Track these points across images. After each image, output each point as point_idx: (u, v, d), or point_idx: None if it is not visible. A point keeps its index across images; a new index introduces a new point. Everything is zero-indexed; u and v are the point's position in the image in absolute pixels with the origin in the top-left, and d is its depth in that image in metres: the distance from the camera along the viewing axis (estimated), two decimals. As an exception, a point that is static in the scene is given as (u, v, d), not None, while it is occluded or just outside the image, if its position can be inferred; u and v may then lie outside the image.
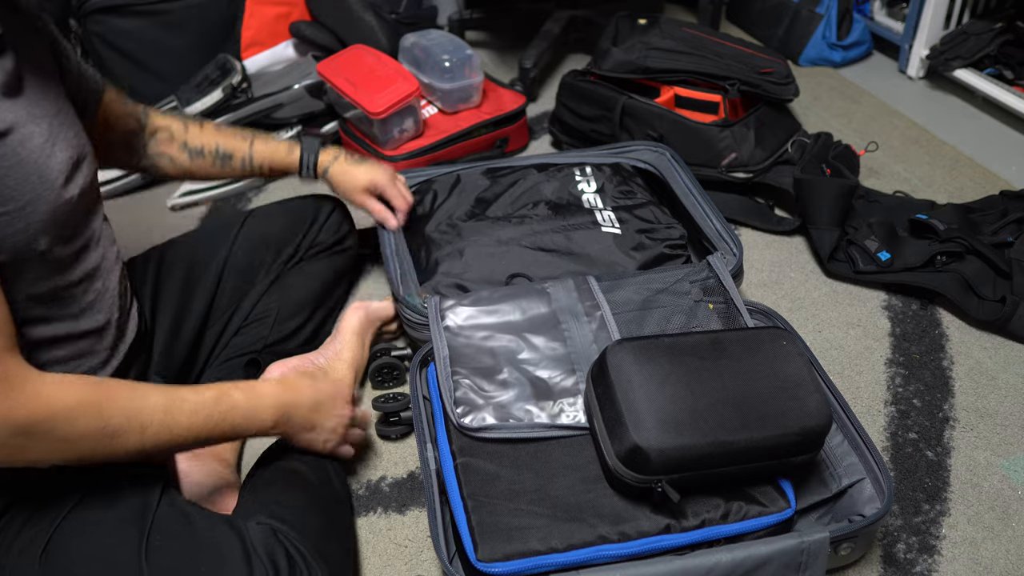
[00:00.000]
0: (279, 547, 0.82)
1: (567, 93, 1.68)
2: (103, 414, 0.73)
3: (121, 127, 1.05)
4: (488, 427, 0.93)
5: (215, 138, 1.13)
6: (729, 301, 1.09)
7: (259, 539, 0.82)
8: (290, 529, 0.85)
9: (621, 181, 1.34)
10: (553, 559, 0.82)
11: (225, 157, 1.14)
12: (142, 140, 1.09)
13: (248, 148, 1.15)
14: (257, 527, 0.84)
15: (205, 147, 1.12)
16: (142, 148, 1.09)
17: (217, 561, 0.80)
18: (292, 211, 1.23)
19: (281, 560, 0.81)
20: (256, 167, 1.17)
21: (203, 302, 1.11)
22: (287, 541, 0.83)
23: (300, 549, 0.83)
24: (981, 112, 1.87)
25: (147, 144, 1.09)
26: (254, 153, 1.16)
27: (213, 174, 1.16)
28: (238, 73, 1.67)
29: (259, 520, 0.86)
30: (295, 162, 1.19)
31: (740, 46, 1.64)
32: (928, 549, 1.00)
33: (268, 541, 0.82)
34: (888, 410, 1.17)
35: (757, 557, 0.82)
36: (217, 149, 1.13)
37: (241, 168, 1.16)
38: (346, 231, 1.26)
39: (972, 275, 1.30)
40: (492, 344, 1.02)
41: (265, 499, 0.91)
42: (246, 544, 0.81)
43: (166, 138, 1.10)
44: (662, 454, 0.81)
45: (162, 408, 0.78)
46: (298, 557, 0.82)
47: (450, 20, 2.17)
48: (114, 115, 1.03)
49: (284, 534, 0.84)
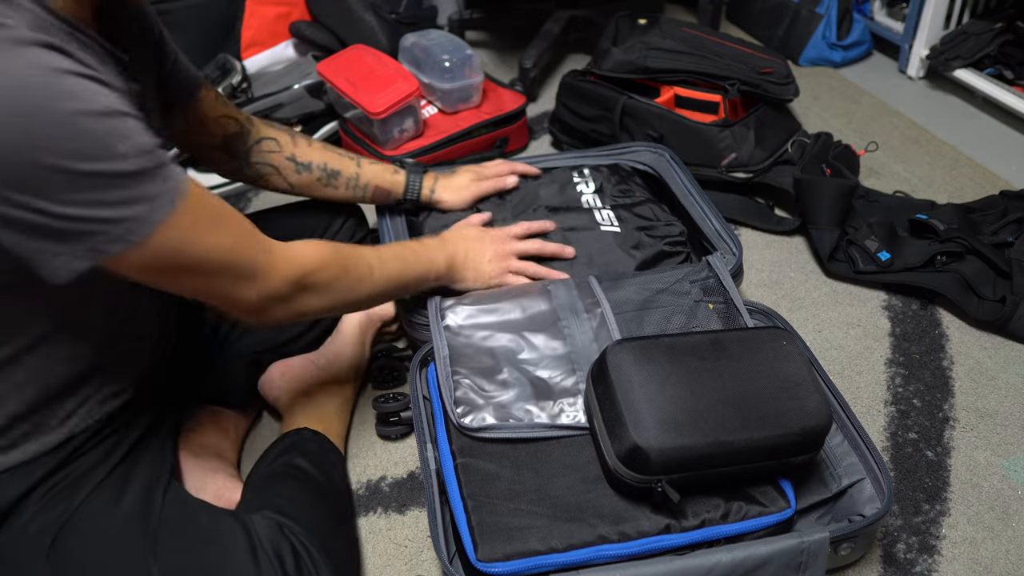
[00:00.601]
0: (285, 542, 0.82)
1: (567, 93, 1.68)
2: (341, 263, 0.89)
3: (219, 130, 1.04)
4: (488, 427, 0.93)
5: (323, 155, 1.14)
6: (729, 301, 1.09)
7: (265, 533, 0.83)
8: (295, 524, 0.85)
9: (619, 180, 1.34)
10: (553, 559, 0.82)
11: (332, 174, 1.14)
12: (244, 145, 1.08)
13: (355, 167, 1.16)
14: (263, 521, 0.85)
15: (313, 162, 1.12)
16: (244, 154, 1.08)
17: (223, 555, 0.80)
18: (307, 215, 1.21)
19: (287, 555, 0.81)
20: (362, 187, 1.18)
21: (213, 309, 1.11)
22: (292, 536, 0.84)
23: (305, 544, 0.84)
24: (981, 112, 1.87)
25: (250, 151, 1.08)
26: (361, 172, 1.17)
27: (314, 191, 1.16)
28: (238, 73, 1.67)
29: (264, 514, 0.86)
30: (400, 184, 1.20)
31: (740, 46, 1.64)
32: (928, 549, 1.00)
33: (274, 535, 0.83)
34: (888, 410, 1.17)
35: (757, 557, 0.82)
36: (325, 165, 1.13)
37: (345, 187, 1.16)
38: (361, 237, 1.25)
39: (972, 275, 1.30)
40: (492, 344, 1.02)
41: (269, 494, 0.91)
42: (252, 538, 0.82)
43: (272, 147, 1.09)
44: (662, 454, 0.81)
45: (375, 256, 0.95)
46: (303, 552, 0.83)
47: (450, 20, 2.17)
48: (211, 116, 1.02)
49: (289, 529, 0.84)
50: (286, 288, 0.82)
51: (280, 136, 1.11)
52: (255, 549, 0.80)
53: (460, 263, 1.07)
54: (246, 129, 1.08)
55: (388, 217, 1.27)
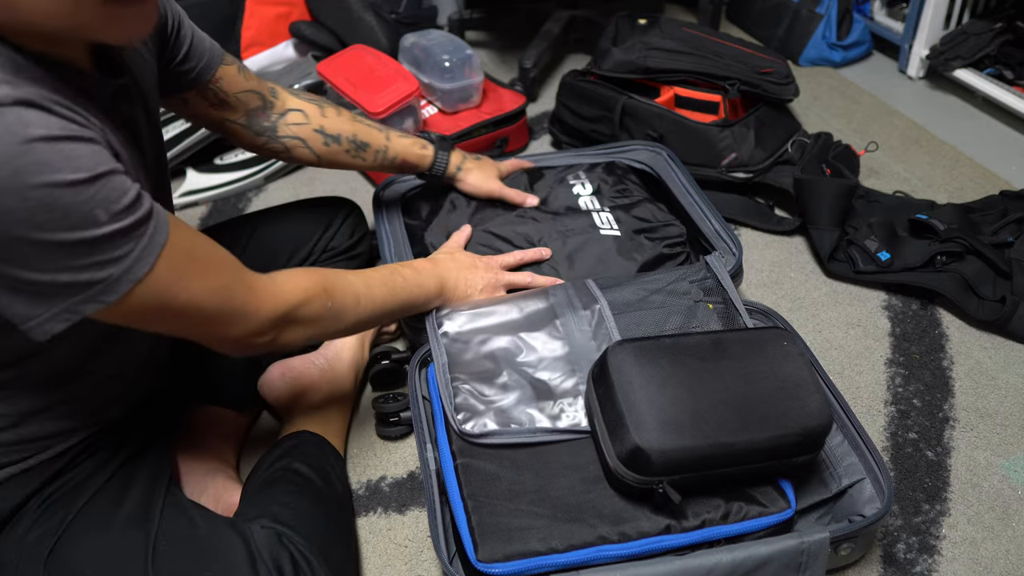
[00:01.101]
0: (284, 552, 0.82)
1: (567, 93, 1.68)
2: (327, 295, 0.86)
3: (241, 105, 1.03)
4: (489, 433, 0.92)
5: (352, 126, 1.12)
6: (728, 301, 1.09)
7: (264, 544, 0.82)
8: (294, 533, 0.85)
9: (616, 180, 1.34)
10: (553, 559, 0.82)
11: (361, 146, 1.13)
12: (269, 119, 1.07)
13: (384, 140, 1.15)
14: (262, 531, 0.84)
15: (342, 134, 1.11)
16: (271, 128, 1.07)
17: (222, 567, 0.79)
18: (306, 214, 1.21)
19: (286, 565, 0.81)
20: (390, 159, 1.17)
21: None
22: (291, 545, 0.83)
23: (304, 553, 0.83)
24: (981, 112, 1.87)
25: (276, 125, 1.07)
26: (390, 145, 1.16)
27: (343, 162, 1.15)
28: (238, 73, 1.67)
29: (263, 524, 0.85)
30: (428, 157, 1.20)
31: (740, 46, 1.64)
32: (928, 549, 1.00)
33: (273, 546, 0.82)
34: (888, 410, 1.17)
35: (757, 557, 0.82)
36: (354, 137, 1.12)
37: (373, 159, 1.15)
38: (360, 236, 1.25)
39: (972, 275, 1.30)
40: (491, 347, 1.02)
41: (268, 501, 0.90)
42: (251, 548, 0.81)
43: (299, 119, 1.08)
44: (663, 455, 0.81)
45: (362, 283, 0.93)
46: (303, 562, 0.82)
47: (450, 20, 2.17)
48: (232, 91, 1.01)
49: (288, 538, 0.84)
50: (270, 325, 0.80)
51: (308, 107, 1.09)
52: (254, 561, 0.80)
53: (451, 289, 1.05)
54: (269, 102, 1.06)
55: (387, 222, 1.27)
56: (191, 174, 1.68)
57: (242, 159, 1.70)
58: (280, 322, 0.81)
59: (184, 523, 0.83)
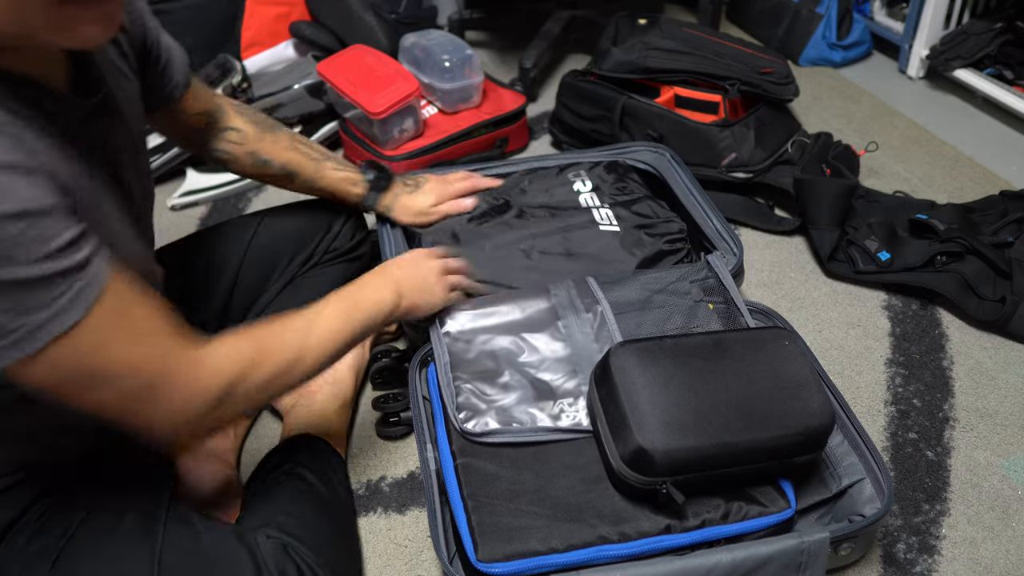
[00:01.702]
0: (290, 562, 0.82)
1: (567, 93, 1.68)
2: (267, 362, 0.78)
3: (187, 125, 1.03)
4: (491, 432, 0.92)
5: (286, 154, 1.12)
6: (729, 301, 1.09)
7: (269, 554, 0.82)
8: (300, 543, 0.85)
9: (617, 178, 1.34)
10: (553, 559, 0.82)
11: (290, 175, 1.13)
12: (206, 136, 1.07)
13: (314, 171, 1.15)
14: (267, 541, 0.84)
15: (274, 160, 1.11)
16: (206, 143, 1.07)
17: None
18: (308, 215, 1.21)
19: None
20: (318, 189, 1.17)
21: (218, 304, 1.11)
22: (297, 556, 0.83)
23: (310, 564, 0.83)
24: (981, 112, 1.87)
25: (211, 141, 1.07)
26: (318, 178, 1.15)
27: (273, 183, 1.16)
28: (238, 73, 1.67)
29: (268, 533, 0.85)
30: (357, 196, 1.19)
31: (740, 46, 1.64)
32: (928, 549, 1.00)
33: (279, 557, 0.82)
34: (888, 410, 1.17)
35: (757, 557, 0.82)
36: (285, 165, 1.12)
37: (301, 186, 1.16)
38: (361, 238, 1.25)
39: (972, 275, 1.30)
40: (493, 347, 1.02)
41: (272, 509, 0.90)
42: (257, 560, 0.81)
43: (236, 139, 1.08)
44: (666, 456, 0.81)
45: (304, 326, 0.84)
46: (308, 572, 0.83)
47: (450, 20, 2.17)
48: (185, 112, 1.01)
49: (294, 548, 0.84)
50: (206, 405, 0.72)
51: (248, 129, 1.09)
52: (260, 572, 0.80)
53: (409, 291, 0.99)
54: (213, 121, 1.06)
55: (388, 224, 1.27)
56: (191, 174, 1.68)
57: (242, 159, 1.70)
58: (218, 401, 0.73)
59: (188, 535, 0.82)
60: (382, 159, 1.58)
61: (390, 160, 1.57)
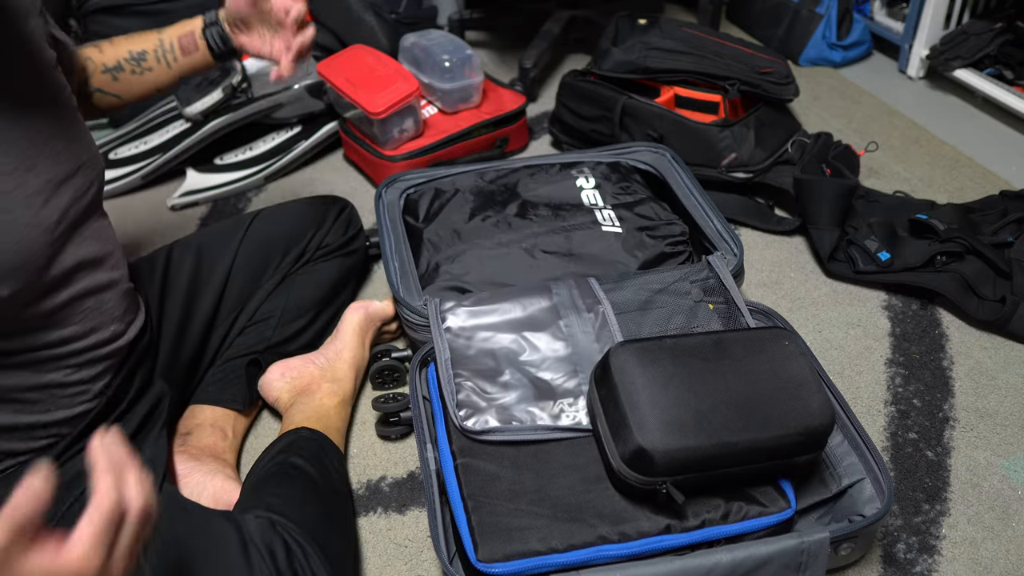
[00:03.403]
0: (277, 538, 0.82)
1: (567, 93, 1.68)
2: None
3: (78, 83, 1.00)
4: (491, 430, 0.93)
5: (126, 45, 1.05)
6: (730, 301, 1.09)
7: (256, 530, 0.83)
8: (287, 520, 0.85)
9: (620, 178, 1.34)
10: (553, 559, 0.82)
11: (139, 57, 1.05)
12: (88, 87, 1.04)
13: (156, 36, 1.07)
14: (255, 520, 0.84)
15: (120, 59, 1.05)
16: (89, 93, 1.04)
17: (214, 551, 0.80)
18: (300, 212, 1.22)
19: (279, 550, 0.81)
20: (167, 48, 1.06)
21: (210, 303, 1.11)
22: (284, 532, 0.84)
23: (297, 539, 0.83)
24: (981, 112, 1.87)
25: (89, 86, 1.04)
26: (163, 37, 1.06)
27: (137, 86, 1.06)
28: (238, 73, 1.67)
29: (257, 514, 0.86)
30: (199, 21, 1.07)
31: (740, 46, 1.64)
32: (928, 549, 1.00)
33: (265, 532, 0.83)
34: (888, 410, 1.17)
35: (757, 557, 0.82)
36: (130, 54, 1.05)
37: (157, 61, 1.06)
38: (354, 233, 1.25)
39: (972, 275, 1.30)
40: (493, 345, 1.02)
41: (262, 493, 0.91)
42: (243, 535, 0.81)
43: (94, 70, 1.04)
44: (666, 456, 0.81)
45: None
46: (296, 547, 0.82)
47: (450, 20, 2.17)
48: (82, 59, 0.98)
49: (281, 525, 0.84)
50: None
51: (92, 54, 1.04)
52: (246, 546, 0.80)
53: None
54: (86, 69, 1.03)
55: (388, 221, 1.27)
56: (191, 174, 1.68)
57: (242, 159, 1.70)
58: None
59: (177, 512, 0.83)
60: (382, 159, 1.58)
61: (390, 160, 1.57)
